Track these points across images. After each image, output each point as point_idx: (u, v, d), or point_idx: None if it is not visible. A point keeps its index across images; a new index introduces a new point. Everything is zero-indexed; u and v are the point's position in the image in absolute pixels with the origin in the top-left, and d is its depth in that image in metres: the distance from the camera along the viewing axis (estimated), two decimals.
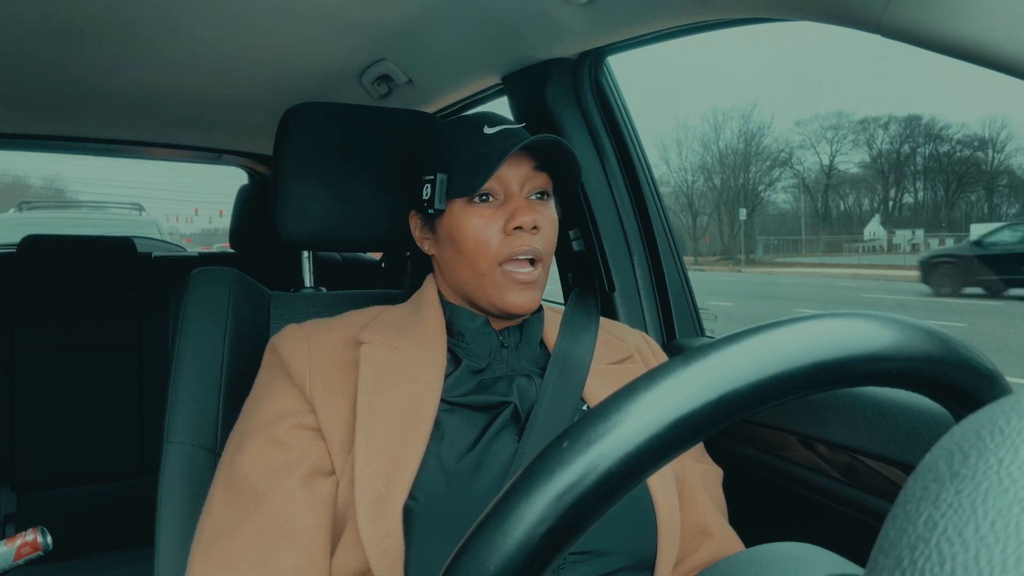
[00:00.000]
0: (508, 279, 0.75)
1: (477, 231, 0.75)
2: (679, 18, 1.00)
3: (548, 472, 0.27)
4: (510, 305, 0.75)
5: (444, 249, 0.79)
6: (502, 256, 0.74)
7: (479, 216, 0.75)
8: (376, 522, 0.62)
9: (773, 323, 0.31)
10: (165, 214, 24.75)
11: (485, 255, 0.74)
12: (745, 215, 43.72)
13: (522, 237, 0.74)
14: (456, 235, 0.76)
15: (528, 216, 0.74)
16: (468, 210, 0.76)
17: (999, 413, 0.21)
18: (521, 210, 0.74)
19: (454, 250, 0.77)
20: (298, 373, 0.71)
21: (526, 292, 0.75)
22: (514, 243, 0.74)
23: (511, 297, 0.75)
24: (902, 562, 0.18)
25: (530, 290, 0.76)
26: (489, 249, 0.74)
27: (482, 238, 0.75)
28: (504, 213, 0.75)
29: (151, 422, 2.01)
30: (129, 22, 1.24)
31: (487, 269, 0.75)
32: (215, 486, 0.69)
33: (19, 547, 1.27)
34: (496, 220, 0.75)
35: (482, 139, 0.76)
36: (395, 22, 1.25)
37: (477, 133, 0.77)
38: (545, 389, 0.74)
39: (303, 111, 0.96)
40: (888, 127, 48.77)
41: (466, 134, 0.77)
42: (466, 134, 0.77)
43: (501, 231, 0.75)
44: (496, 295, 0.75)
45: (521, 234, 0.74)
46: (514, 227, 0.74)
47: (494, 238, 0.75)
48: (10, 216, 5.36)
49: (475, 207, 0.75)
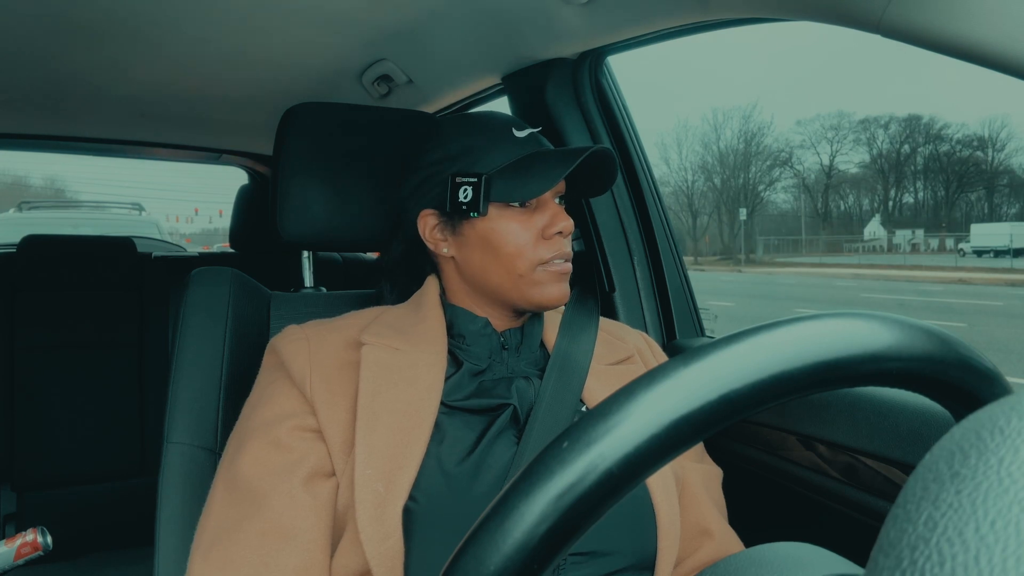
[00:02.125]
0: (548, 275, 0.76)
1: (516, 235, 0.76)
2: (679, 18, 1.00)
3: (548, 472, 0.27)
4: (548, 299, 0.76)
5: (472, 252, 0.78)
6: (541, 259, 0.76)
7: (516, 221, 0.76)
8: (376, 524, 0.62)
9: (773, 323, 0.31)
10: (165, 214, 24.76)
11: (524, 258, 0.75)
12: (745, 215, 43.73)
13: (559, 242, 0.77)
14: (493, 239, 0.76)
15: (567, 222, 0.77)
16: (505, 214, 0.76)
17: (999, 413, 0.21)
18: (559, 216, 0.77)
19: (488, 253, 0.76)
20: (298, 374, 0.71)
21: (562, 283, 0.77)
22: (553, 247, 0.76)
23: (550, 291, 0.76)
24: (902, 562, 0.18)
25: (564, 282, 0.78)
26: (527, 253, 0.76)
27: (521, 242, 0.76)
28: (539, 218, 0.77)
29: (151, 422, 2.01)
30: (129, 22, 1.24)
31: (526, 271, 0.76)
32: (215, 487, 0.69)
33: (19, 547, 1.27)
34: (532, 225, 0.76)
35: (516, 142, 0.77)
36: (395, 22, 1.25)
37: (508, 136, 0.78)
38: (544, 390, 0.74)
39: (303, 111, 0.96)
40: (888, 127, 48.76)
41: (496, 137, 0.78)
42: (496, 137, 0.78)
43: (537, 235, 0.76)
44: (535, 292, 0.76)
45: (559, 239, 0.77)
46: (555, 232, 0.76)
47: (531, 242, 0.76)
48: (10, 216, 5.36)
49: (512, 211, 0.76)
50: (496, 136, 0.78)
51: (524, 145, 0.77)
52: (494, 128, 0.78)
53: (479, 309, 0.80)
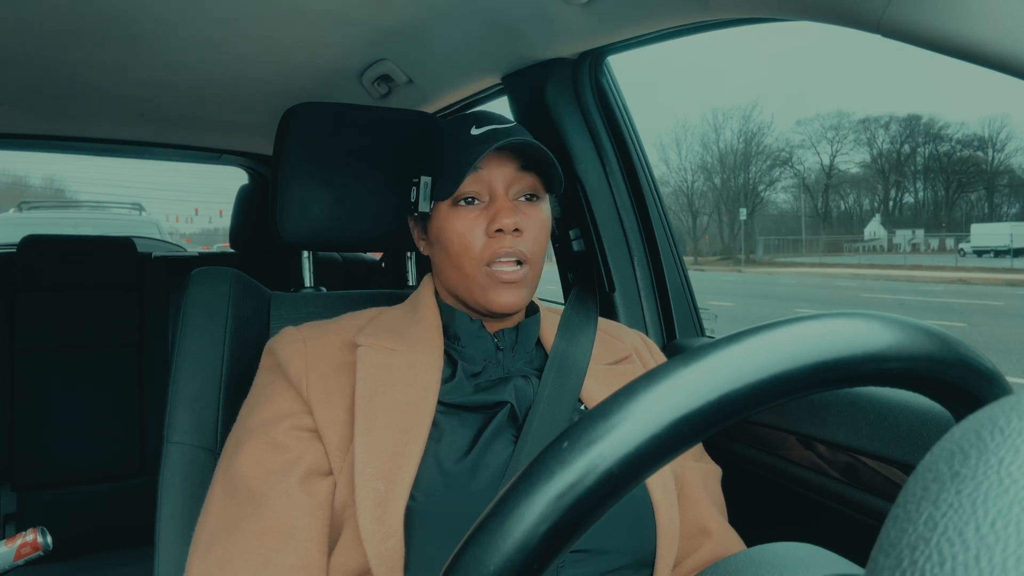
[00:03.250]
0: (492, 279, 0.74)
1: (461, 234, 0.75)
2: (679, 18, 1.00)
3: (548, 472, 0.27)
4: (494, 304, 0.75)
5: (435, 251, 0.80)
6: (485, 258, 0.74)
7: (463, 219, 0.75)
8: (378, 523, 0.62)
9: (773, 323, 0.31)
10: (165, 214, 24.74)
11: (469, 257, 0.75)
12: (745, 215, 43.72)
13: (504, 239, 0.74)
14: (442, 237, 0.77)
15: (509, 219, 0.73)
16: (453, 213, 0.76)
17: (999, 413, 0.21)
18: (503, 212, 0.74)
19: (442, 252, 0.78)
20: (295, 375, 0.71)
21: (511, 291, 0.75)
22: (496, 245, 0.74)
23: (495, 296, 0.75)
24: (902, 562, 0.18)
25: (515, 289, 0.75)
26: (473, 251, 0.74)
27: (466, 241, 0.75)
28: (488, 215, 0.75)
29: (151, 422, 2.01)
30: (129, 23, 1.24)
31: (472, 271, 0.75)
32: (213, 487, 0.69)
33: (19, 547, 1.27)
34: (480, 222, 0.75)
35: (468, 140, 0.76)
36: (395, 22, 1.25)
37: (464, 134, 0.76)
38: (542, 390, 0.74)
39: (303, 111, 0.96)
40: (888, 127, 48.76)
41: (453, 135, 0.77)
42: (453, 135, 0.77)
43: (485, 233, 0.75)
44: (481, 295, 0.75)
45: (503, 236, 0.74)
46: (495, 229, 0.74)
47: (478, 240, 0.74)
48: (10, 216, 5.36)
49: (460, 210, 0.76)
50: (452, 134, 0.77)
51: (476, 142, 0.75)
52: (455, 128, 0.78)
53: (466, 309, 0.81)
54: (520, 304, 0.76)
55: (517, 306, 0.76)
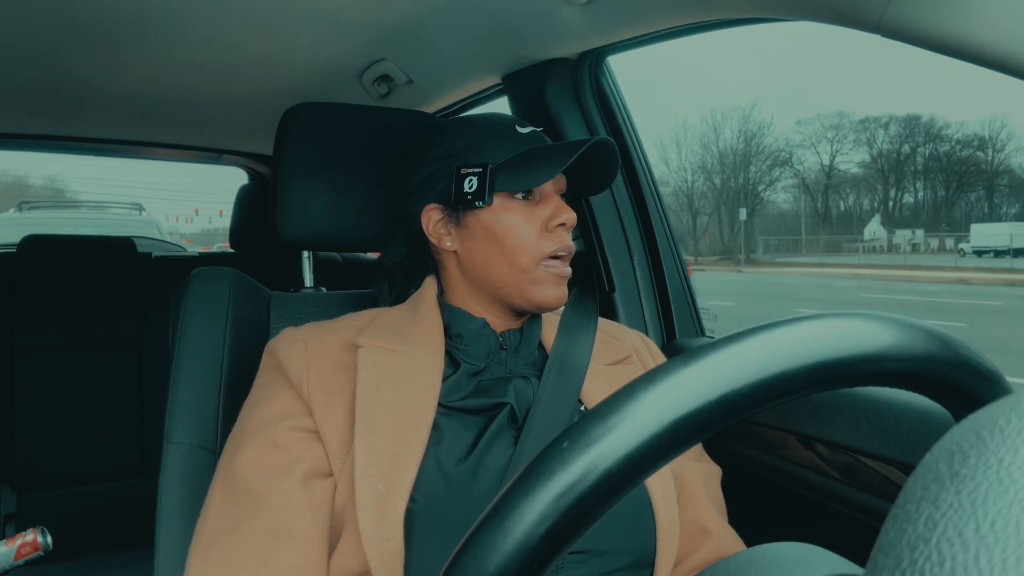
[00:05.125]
0: (548, 274, 0.76)
1: (520, 227, 0.76)
2: (679, 18, 1.00)
3: (548, 472, 0.27)
4: (547, 300, 0.76)
5: (475, 244, 0.78)
6: (544, 252, 0.76)
7: (519, 213, 0.76)
8: (378, 525, 0.62)
9: (773, 323, 0.31)
10: (165, 214, 24.75)
11: (527, 251, 0.76)
12: (745, 215, 43.71)
13: (562, 235, 0.77)
14: (497, 230, 0.76)
15: (570, 214, 0.77)
16: (509, 206, 0.77)
17: (999, 413, 0.21)
18: (562, 208, 0.77)
19: (492, 245, 0.77)
20: (295, 376, 0.71)
21: (562, 287, 0.77)
22: (556, 240, 0.76)
23: (549, 292, 0.76)
24: (902, 562, 0.18)
25: (563, 285, 0.78)
26: (530, 245, 0.76)
27: (524, 234, 0.76)
28: (542, 211, 0.77)
29: (151, 422, 2.01)
30: (129, 22, 1.24)
31: (528, 265, 0.76)
32: (214, 487, 0.69)
33: (19, 547, 1.27)
34: (536, 217, 0.77)
35: (519, 137, 0.79)
36: (395, 22, 1.25)
37: (511, 132, 0.79)
38: (542, 391, 0.74)
39: (303, 111, 0.96)
40: (888, 127, 48.73)
41: (500, 133, 0.79)
42: (500, 133, 0.79)
43: (540, 228, 0.76)
44: (533, 290, 0.76)
45: (561, 232, 0.77)
46: (557, 224, 0.76)
47: (534, 235, 0.76)
48: (10, 216, 5.36)
49: (515, 203, 0.77)
50: (500, 132, 0.79)
51: (527, 140, 0.79)
52: (497, 125, 0.80)
53: (478, 308, 0.80)
54: (564, 301, 0.78)
55: (563, 301, 0.78)
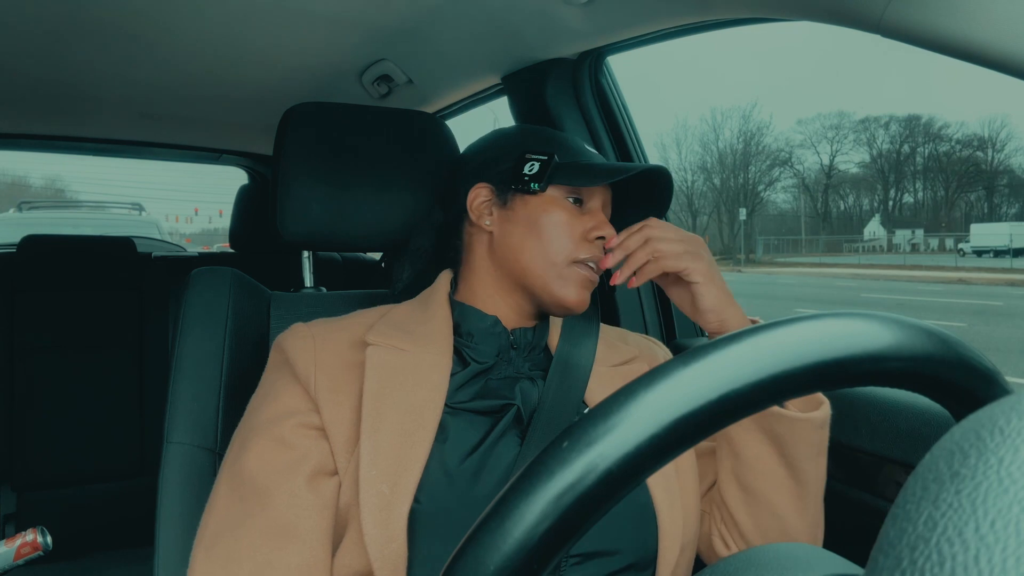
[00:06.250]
0: (577, 274, 0.77)
1: (562, 225, 0.77)
2: (679, 18, 1.00)
3: (548, 472, 0.27)
4: (569, 299, 0.77)
5: (514, 228, 0.79)
6: (577, 255, 0.77)
7: (567, 212, 0.78)
8: (381, 527, 0.62)
9: (773, 323, 0.31)
10: (165, 214, 24.73)
11: (562, 248, 0.77)
12: (745, 215, 43.71)
13: (598, 247, 0.78)
14: (541, 221, 0.78)
15: (611, 230, 0.78)
16: (561, 203, 0.78)
17: (999, 413, 0.21)
18: (606, 224, 0.79)
19: (531, 233, 0.78)
20: (303, 372, 0.71)
21: (585, 290, 0.78)
22: (591, 249, 0.78)
23: (573, 291, 0.77)
24: (902, 562, 0.18)
25: (588, 289, 0.79)
26: (567, 244, 0.77)
27: (564, 233, 0.77)
28: (587, 220, 0.79)
29: (151, 422, 2.01)
30: (129, 22, 1.24)
31: (559, 260, 0.77)
32: (219, 483, 0.69)
33: (19, 547, 1.27)
34: (579, 223, 0.78)
35: (585, 152, 0.83)
36: (395, 22, 1.25)
37: (578, 146, 0.84)
38: (547, 392, 0.74)
39: (303, 111, 0.96)
40: (888, 127, 48.70)
41: (570, 143, 0.83)
42: (570, 143, 0.83)
43: (581, 235, 0.78)
44: (558, 286, 0.77)
45: (599, 244, 0.78)
46: (597, 236, 0.78)
47: (573, 238, 0.77)
48: (10, 216, 5.36)
49: (566, 204, 0.79)
50: (570, 142, 0.84)
51: (591, 156, 0.83)
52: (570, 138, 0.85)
53: (493, 302, 0.80)
54: (586, 305, 0.79)
55: (585, 306, 0.78)
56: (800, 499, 0.73)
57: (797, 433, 0.70)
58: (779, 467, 0.72)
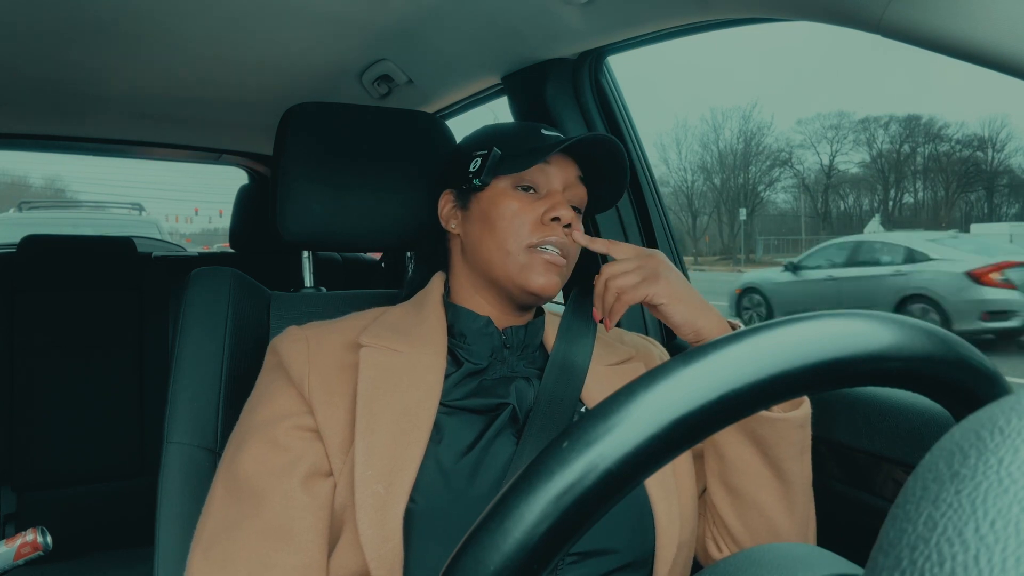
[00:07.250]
0: (534, 258, 0.76)
1: (513, 213, 0.77)
2: (679, 18, 1.00)
3: (548, 472, 0.27)
4: (532, 283, 0.76)
5: (472, 227, 0.80)
6: (532, 241, 0.76)
7: (518, 201, 0.78)
8: (377, 527, 0.62)
9: (773, 323, 0.31)
10: (165, 214, 24.71)
11: (515, 235, 0.76)
12: (745, 215, 43.71)
13: (556, 229, 0.77)
14: (491, 213, 0.78)
15: (567, 211, 0.77)
16: (509, 193, 0.78)
17: (999, 413, 0.21)
18: (562, 204, 0.77)
19: (485, 227, 0.78)
20: (297, 375, 0.71)
21: (550, 274, 0.77)
22: (546, 232, 0.76)
23: (535, 276, 0.76)
24: (902, 562, 0.18)
25: (553, 273, 0.77)
26: (521, 231, 0.76)
27: (517, 221, 0.77)
28: (542, 205, 0.78)
29: (151, 422, 2.01)
30: (129, 22, 1.24)
31: (514, 248, 0.76)
32: (215, 486, 0.69)
33: (19, 547, 1.27)
34: (532, 210, 0.77)
35: (539, 136, 0.81)
36: (395, 22, 1.25)
37: (535, 131, 0.82)
38: (543, 391, 0.74)
39: (303, 111, 0.96)
40: (888, 127, 48.69)
41: (525, 129, 0.83)
42: (525, 129, 0.83)
43: (536, 220, 0.77)
44: (519, 274, 0.76)
45: (555, 226, 0.77)
46: (552, 217, 0.77)
47: (527, 224, 0.77)
48: (10, 216, 5.37)
49: (516, 193, 0.78)
50: (524, 129, 0.83)
51: (547, 139, 0.81)
52: (524, 127, 0.84)
53: (482, 304, 0.80)
54: (555, 290, 0.78)
55: (553, 290, 0.77)
56: (787, 498, 0.73)
57: (778, 433, 0.70)
58: (763, 468, 0.72)
